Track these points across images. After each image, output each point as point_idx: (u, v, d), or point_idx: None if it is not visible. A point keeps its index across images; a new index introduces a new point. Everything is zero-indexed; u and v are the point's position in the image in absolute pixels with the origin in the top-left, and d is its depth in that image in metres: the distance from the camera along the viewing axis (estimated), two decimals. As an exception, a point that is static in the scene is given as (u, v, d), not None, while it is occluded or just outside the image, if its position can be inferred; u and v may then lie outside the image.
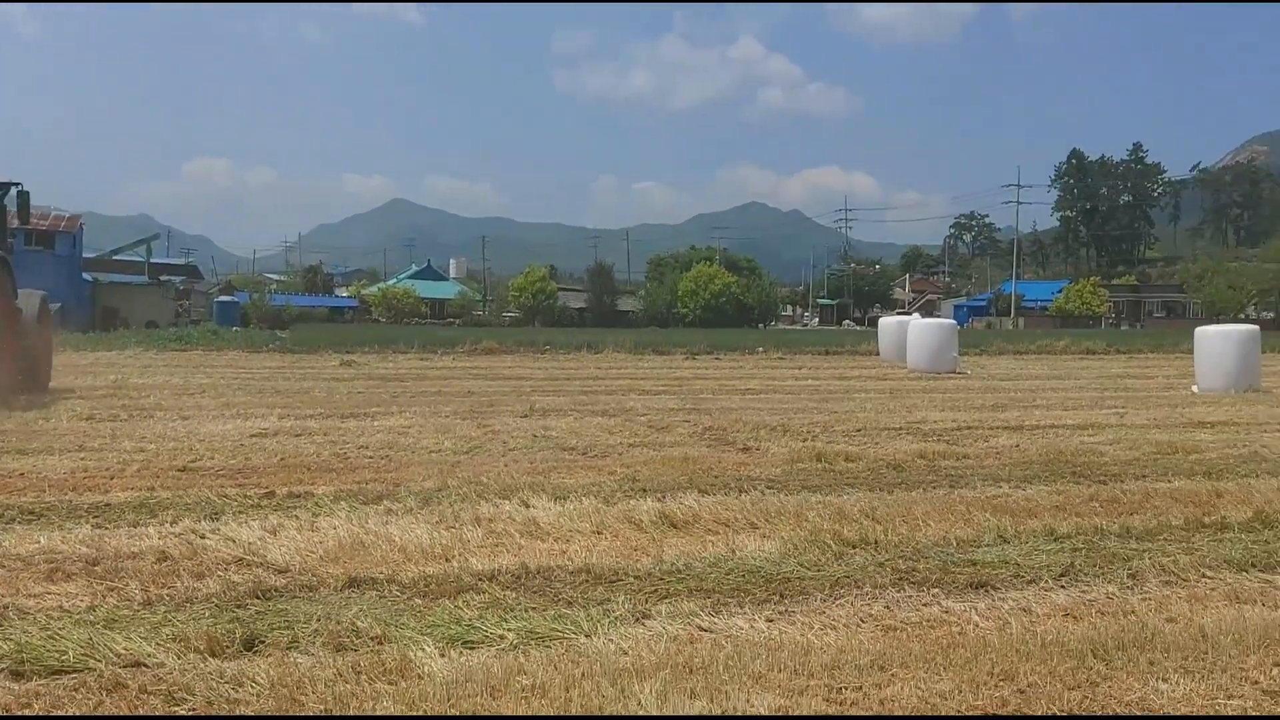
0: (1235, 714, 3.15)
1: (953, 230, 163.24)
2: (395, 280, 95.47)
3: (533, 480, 7.70)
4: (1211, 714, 3.15)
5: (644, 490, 7.25)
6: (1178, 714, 3.16)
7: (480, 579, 4.89)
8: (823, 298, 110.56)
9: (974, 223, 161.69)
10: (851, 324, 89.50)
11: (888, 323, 28.71)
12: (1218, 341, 17.91)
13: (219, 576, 4.93)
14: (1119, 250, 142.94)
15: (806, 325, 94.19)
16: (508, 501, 6.70)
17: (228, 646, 3.86)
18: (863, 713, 3.32)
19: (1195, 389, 17.63)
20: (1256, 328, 18.88)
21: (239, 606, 4.44)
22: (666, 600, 4.61)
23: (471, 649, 3.90)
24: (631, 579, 4.97)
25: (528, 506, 6.55)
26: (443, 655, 3.77)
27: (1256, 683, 3.65)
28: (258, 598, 4.56)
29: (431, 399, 14.59)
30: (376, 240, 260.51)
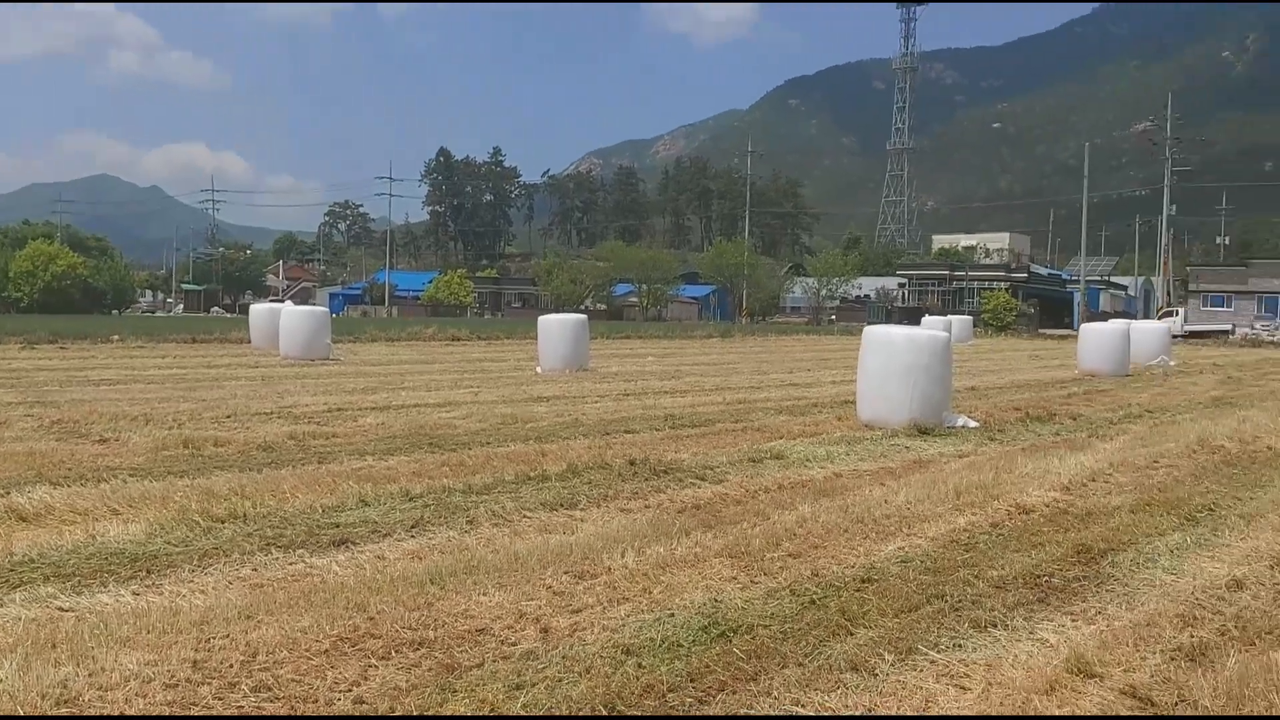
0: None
1: (328, 218, 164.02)
2: None
3: None
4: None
5: (-18, 488, 6.64)
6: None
7: None
8: (188, 282, 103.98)
9: (349, 212, 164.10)
10: (221, 311, 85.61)
11: (260, 310, 28.24)
12: (555, 328, 20.77)
13: None
14: (483, 245, 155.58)
15: (170, 312, 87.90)
16: None
17: None
18: (233, 654, 3.68)
19: (539, 369, 20.26)
20: (585, 317, 22.18)
21: None
22: (20, 589, 4.46)
23: None
24: (-25, 574, 4.69)
25: None
26: None
27: (550, 587, 4.72)
28: None
29: None
30: None
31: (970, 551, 5.75)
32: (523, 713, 3.27)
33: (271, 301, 40.46)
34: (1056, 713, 3.44)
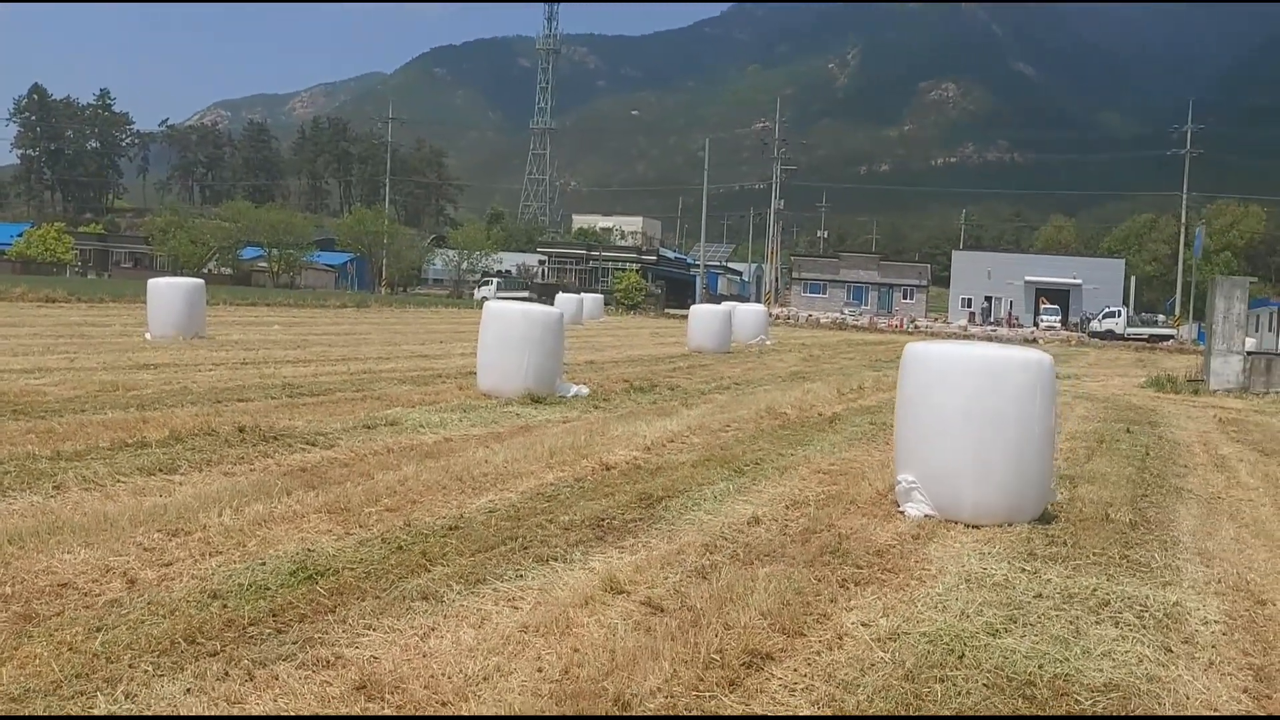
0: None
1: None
2: None
3: None
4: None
5: None
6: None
7: None
8: None
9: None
10: None
11: None
12: (167, 292, 19.57)
13: None
14: (87, 197, 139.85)
15: None
16: None
17: None
18: None
19: (149, 336, 19.01)
20: (202, 281, 21.04)
21: None
22: None
23: None
24: None
25: None
26: None
27: (140, 544, 4.86)
28: None
29: None
30: None
31: (551, 502, 6.52)
32: (101, 649, 3.50)
33: None
34: (586, 620, 4.20)
